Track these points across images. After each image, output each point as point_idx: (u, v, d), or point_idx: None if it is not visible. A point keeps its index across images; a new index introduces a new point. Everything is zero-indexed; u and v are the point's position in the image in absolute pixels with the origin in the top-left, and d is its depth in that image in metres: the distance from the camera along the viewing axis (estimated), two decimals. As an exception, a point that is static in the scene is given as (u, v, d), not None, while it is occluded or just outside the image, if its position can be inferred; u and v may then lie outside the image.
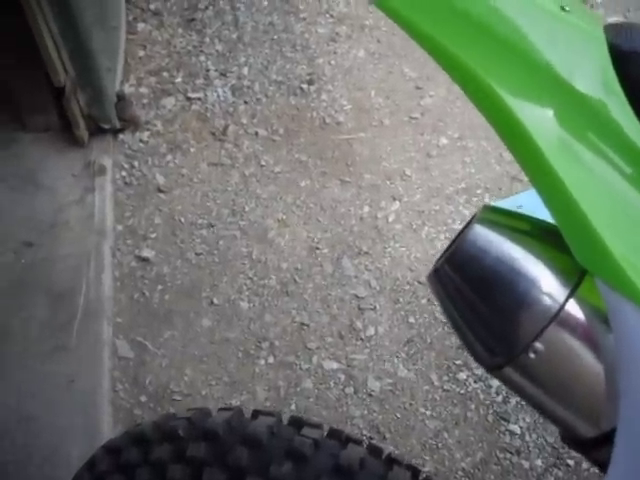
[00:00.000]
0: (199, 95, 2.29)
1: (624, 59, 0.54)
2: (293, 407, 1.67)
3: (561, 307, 0.57)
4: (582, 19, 0.56)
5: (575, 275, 0.57)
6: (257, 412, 0.91)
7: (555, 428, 0.67)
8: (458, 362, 1.73)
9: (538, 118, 0.53)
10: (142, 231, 1.98)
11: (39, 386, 1.66)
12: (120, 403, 1.68)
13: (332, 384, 1.71)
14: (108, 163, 2.08)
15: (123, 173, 2.09)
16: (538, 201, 0.56)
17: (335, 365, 1.74)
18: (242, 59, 2.38)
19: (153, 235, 1.97)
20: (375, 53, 2.41)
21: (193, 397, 1.69)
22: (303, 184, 2.07)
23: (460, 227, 0.65)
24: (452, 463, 1.60)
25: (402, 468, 0.85)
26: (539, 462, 1.60)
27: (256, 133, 2.19)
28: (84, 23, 1.91)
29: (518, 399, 1.67)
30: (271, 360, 1.74)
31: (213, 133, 2.20)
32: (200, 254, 1.93)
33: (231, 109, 2.25)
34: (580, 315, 0.57)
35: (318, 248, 1.94)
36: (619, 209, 0.53)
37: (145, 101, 2.28)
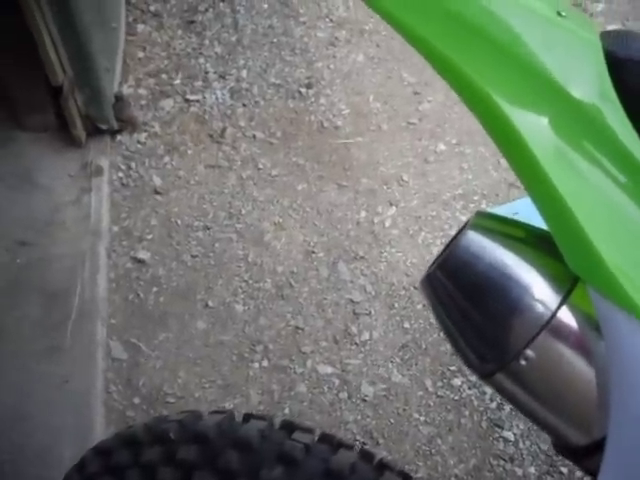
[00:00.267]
0: (197, 97, 2.29)
1: (620, 66, 0.54)
2: (287, 411, 1.67)
3: (553, 314, 0.57)
4: (578, 25, 0.55)
5: (568, 282, 0.57)
6: (249, 416, 0.91)
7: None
8: (452, 368, 1.73)
9: (533, 125, 0.52)
10: (138, 232, 1.97)
11: (33, 386, 1.65)
12: (113, 404, 1.67)
13: (326, 388, 1.70)
14: (105, 164, 2.08)
15: (120, 174, 2.09)
16: (534, 208, 0.55)
17: (329, 369, 1.73)
18: (241, 62, 2.38)
19: (149, 237, 1.96)
20: (374, 58, 2.41)
21: (186, 400, 1.68)
22: (300, 188, 2.07)
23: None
24: (445, 469, 1.60)
25: (393, 474, 0.85)
26: (532, 469, 1.60)
27: (254, 136, 2.19)
28: (83, 23, 1.90)
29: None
30: (265, 364, 1.74)
31: (211, 135, 2.19)
32: (196, 256, 1.93)
33: (229, 112, 2.25)
34: (572, 323, 0.57)
35: (314, 252, 1.93)
36: (613, 217, 0.53)
37: (143, 102, 2.27)
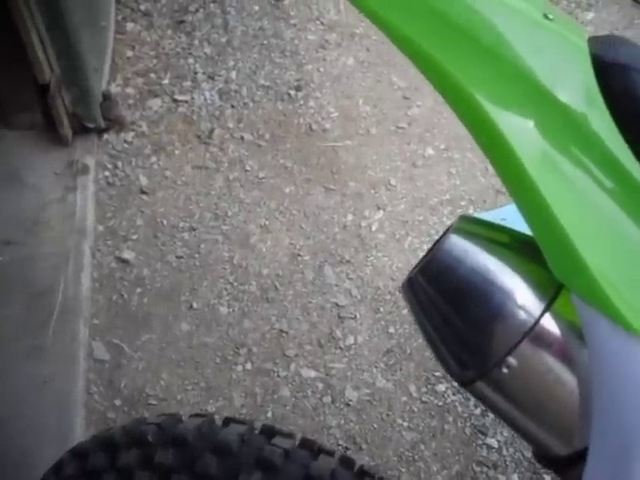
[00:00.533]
0: (186, 97, 2.28)
1: (606, 71, 0.53)
2: (269, 415, 1.65)
3: (536, 321, 0.55)
4: (566, 28, 0.55)
5: (551, 289, 0.56)
6: (229, 419, 0.90)
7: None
8: (437, 374, 1.72)
9: (519, 128, 0.51)
10: (123, 232, 1.96)
11: (14, 385, 1.63)
12: (94, 406, 1.65)
13: (309, 392, 1.69)
14: (91, 162, 2.06)
15: (106, 173, 2.07)
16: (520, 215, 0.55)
17: (313, 373, 1.72)
18: (231, 63, 2.37)
19: (134, 237, 1.95)
20: (364, 62, 2.41)
21: (168, 402, 1.67)
22: (287, 190, 2.06)
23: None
24: (428, 476, 1.59)
25: (373, 480, 0.84)
26: (516, 477, 1.59)
27: (242, 137, 2.18)
28: (72, 22, 1.89)
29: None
30: (249, 366, 1.73)
31: (199, 136, 2.18)
32: (181, 257, 1.91)
33: (217, 113, 2.24)
34: (555, 330, 0.56)
35: (300, 255, 1.92)
36: (598, 223, 0.52)
37: (131, 102, 2.26)
